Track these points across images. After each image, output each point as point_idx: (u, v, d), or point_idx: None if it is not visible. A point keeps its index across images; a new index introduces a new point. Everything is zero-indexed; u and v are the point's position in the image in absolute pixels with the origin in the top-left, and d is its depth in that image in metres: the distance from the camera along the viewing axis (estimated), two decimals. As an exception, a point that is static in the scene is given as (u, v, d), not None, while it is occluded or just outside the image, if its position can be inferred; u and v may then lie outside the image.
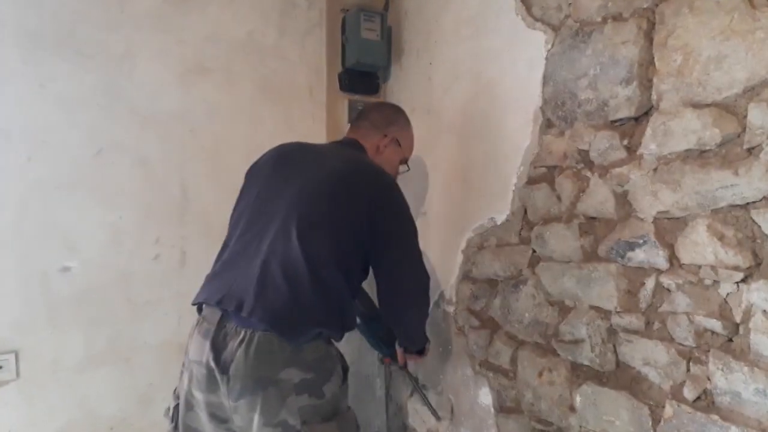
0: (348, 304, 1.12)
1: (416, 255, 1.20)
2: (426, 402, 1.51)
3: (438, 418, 1.51)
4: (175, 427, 1.09)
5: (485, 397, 1.40)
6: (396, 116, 1.38)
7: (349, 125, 1.76)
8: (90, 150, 1.43)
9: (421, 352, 1.41)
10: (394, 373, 1.83)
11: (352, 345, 1.83)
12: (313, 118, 1.76)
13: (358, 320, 1.38)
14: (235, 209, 1.20)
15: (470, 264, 1.45)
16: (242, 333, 0.99)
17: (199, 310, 1.11)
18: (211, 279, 1.12)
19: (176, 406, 1.10)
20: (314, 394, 1.00)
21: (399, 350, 1.43)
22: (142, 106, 1.49)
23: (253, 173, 1.22)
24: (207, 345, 1.01)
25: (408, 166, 1.42)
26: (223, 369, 0.99)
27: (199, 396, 1.04)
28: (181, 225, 1.56)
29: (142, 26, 1.49)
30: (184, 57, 1.55)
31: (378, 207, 1.11)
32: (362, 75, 1.79)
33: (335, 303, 1.06)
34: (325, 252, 1.04)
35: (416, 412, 1.70)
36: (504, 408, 1.34)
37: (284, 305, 1.00)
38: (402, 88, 1.78)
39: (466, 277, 1.47)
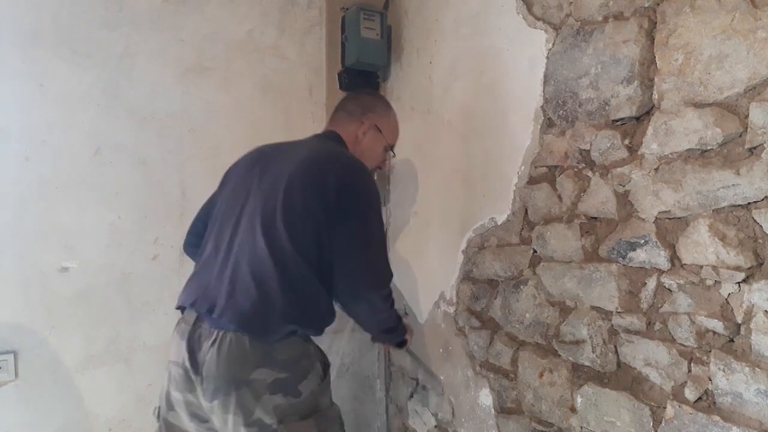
0: (322, 297, 1.07)
1: (373, 245, 1.10)
2: (430, 374, 1.46)
3: (440, 392, 1.46)
4: (161, 428, 1.10)
5: (486, 398, 1.39)
6: (373, 102, 1.33)
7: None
8: (89, 150, 1.43)
9: (401, 344, 1.35)
10: (394, 373, 1.83)
11: (352, 344, 1.83)
12: (312, 118, 1.76)
13: None
14: (209, 212, 1.21)
15: (471, 264, 1.45)
16: (215, 333, 1.00)
17: (182, 311, 1.13)
18: (189, 281, 1.13)
19: (160, 407, 1.11)
20: (290, 393, 1.00)
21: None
22: (141, 106, 1.49)
23: (228, 175, 1.23)
24: (183, 345, 1.02)
25: (393, 152, 1.37)
26: (197, 370, 1.00)
27: (177, 396, 1.05)
28: (180, 225, 1.55)
29: (141, 25, 1.48)
30: (183, 56, 1.54)
31: (333, 190, 1.04)
32: (362, 74, 1.78)
33: (307, 298, 1.04)
34: (288, 245, 1.02)
35: (416, 413, 1.70)
36: (505, 409, 1.34)
37: (253, 305, 0.99)
38: (402, 87, 1.77)
39: (466, 277, 1.47)
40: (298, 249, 1.02)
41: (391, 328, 1.27)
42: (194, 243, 1.24)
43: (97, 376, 1.44)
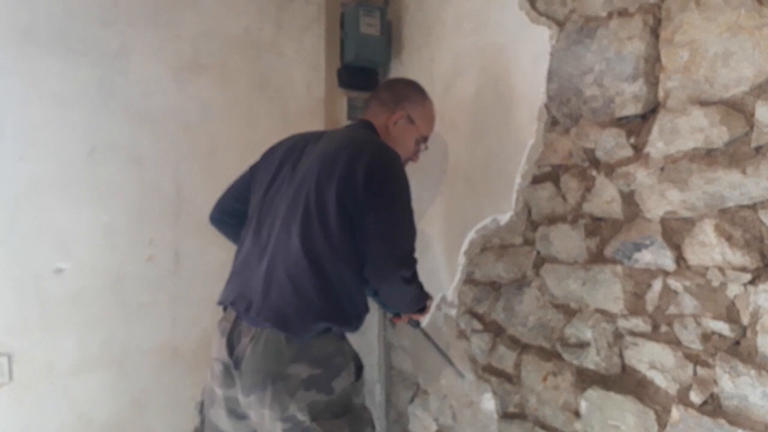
0: (356, 294, 1.10)
1: (398, 233, 1.09)
2: (448, 360, 1.43)
3: (462, 376, 1.44)
4: (203, 422, 1.14)
5: (488, 402, 1.38)
6: (408, 91, 1.26)
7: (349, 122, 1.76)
8: (83, 149, 1.41)
9: (422, 310, 1.29)
10: (395, 378, 1.82)
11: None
12: (310, 116, 1.75)
13: None
14: (241, 192, 1.23)
15: (473, 266, 1.44)
16: (252, 330, 1.04)
17: (225, 308, 1.16)
18: (230, 278, 1.17)
19: (203, 402, 1.15)
20: (323, 389, 1.01)
21: None
22: (136, 104, 1.47)
23: (266, 159, 1.22)
24: (224, 342, 1.07)
25: (427, 145, 1.31)
26: (237, 364, 1.04)
27: (218, 392, 1.09)
28: (176, 226, 1.54)
29: (136, 22, 1.47)
30: (179, 53, 1.53)
31: (361, 181, 1.02)
32: (361, 71, 1.77)
33: (342, 296, 1.06)
34: (324, 247, 1.03)
35: (417, 418, 1.68)
36: (507, 413, 1.33)
37: (288, 303, 1.02)
38: (401, 86, 1.76)
39: (468, 279, 1.46)
40: (334, 249, 1.03)
41: (412, 300, 1.22)
42: (219, 219, 1.28)
43: (91, 380, 1.43)
